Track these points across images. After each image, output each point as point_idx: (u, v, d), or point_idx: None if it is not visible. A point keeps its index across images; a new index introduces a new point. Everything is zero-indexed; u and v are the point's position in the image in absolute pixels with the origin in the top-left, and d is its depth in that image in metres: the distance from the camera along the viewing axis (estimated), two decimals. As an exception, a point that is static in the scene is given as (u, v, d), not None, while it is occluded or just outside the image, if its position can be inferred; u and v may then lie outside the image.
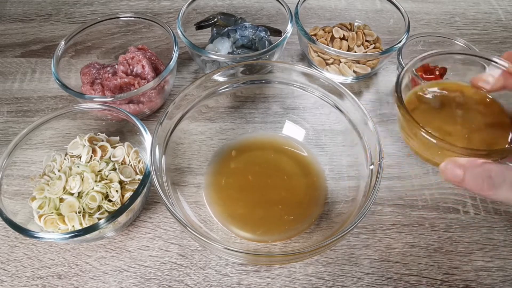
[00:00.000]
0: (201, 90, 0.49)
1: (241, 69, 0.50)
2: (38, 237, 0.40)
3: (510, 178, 0.28)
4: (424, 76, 0.57)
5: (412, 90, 0.40)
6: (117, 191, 0.45)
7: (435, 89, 0.41)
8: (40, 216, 0.44)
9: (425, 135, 0.34)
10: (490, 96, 0.39)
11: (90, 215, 0.44)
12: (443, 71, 0.60)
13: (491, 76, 0.39)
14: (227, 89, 0.52)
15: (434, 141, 0.33)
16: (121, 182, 0.47)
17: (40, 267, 0.45)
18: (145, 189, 0.43)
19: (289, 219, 0.47)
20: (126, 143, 0.50)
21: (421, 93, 0.40)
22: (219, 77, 0.49)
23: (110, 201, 0.45)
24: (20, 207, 0.45)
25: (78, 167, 0.47)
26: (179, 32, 0.58)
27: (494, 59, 0.39)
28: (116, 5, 0.74)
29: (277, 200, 0.48)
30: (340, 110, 0.48)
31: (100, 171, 0.47)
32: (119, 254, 0.46)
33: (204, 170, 0.51)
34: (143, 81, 0.56)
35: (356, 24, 0.66)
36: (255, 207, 0.48)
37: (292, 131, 0.54)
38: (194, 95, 0.49)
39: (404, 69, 0.40)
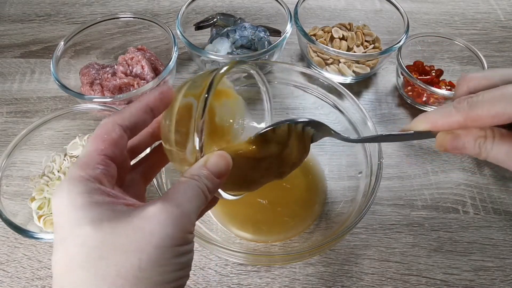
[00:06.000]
0: (200, 91, 0.49)
1: (241, 69, 0.50)
2: (38, 238, 0.40)
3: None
4: (419, 77, 0.57)
5: None
6: (116, 191, 0.45)
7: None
8: (39, 217, 0.44)
9: None
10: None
11: (90, 215, 0.44)
12: (440, 73, 0.60)
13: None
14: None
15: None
16: (120, 183, 0.47)
17: (39, 267, 0.45)
18: (144, 190, 0.43)
19: (289, 219, 0.47)
20: (125, 144, 0.50)
21: None
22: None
23: (109, 201, 0.45)
24: (19, 207, 0.45)
25: (77, 167, 0.47)
26: (179, 33, 0.58)
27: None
28: (116, 6, 0.74)
29: (276, 200, 0.48)
30: (339, 110, 0.48)
31: (99, 171, 0.47)
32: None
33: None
34: (142, 81, 0.56)
35: (355, 24, 0.66)
36: (254, 207, 0.48)
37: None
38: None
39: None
